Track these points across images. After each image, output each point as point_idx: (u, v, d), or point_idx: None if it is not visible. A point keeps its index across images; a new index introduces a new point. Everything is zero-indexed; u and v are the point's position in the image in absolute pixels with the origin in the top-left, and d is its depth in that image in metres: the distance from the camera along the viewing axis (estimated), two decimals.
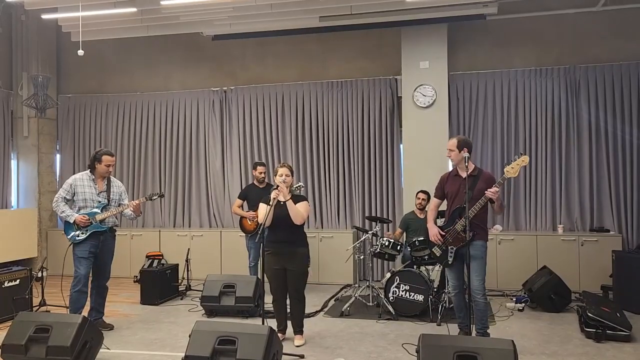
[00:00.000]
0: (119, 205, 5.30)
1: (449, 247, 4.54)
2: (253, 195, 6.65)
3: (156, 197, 5.51)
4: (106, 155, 5.20)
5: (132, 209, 5.25)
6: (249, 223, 6.66)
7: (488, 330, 4.56)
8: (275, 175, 4.71)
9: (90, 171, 5.23)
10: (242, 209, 6.79)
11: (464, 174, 4.55)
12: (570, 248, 6.79)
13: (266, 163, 7.92)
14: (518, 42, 7.46)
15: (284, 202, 4.56)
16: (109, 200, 5.24)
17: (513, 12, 7.27)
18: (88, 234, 5.08)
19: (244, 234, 6.78)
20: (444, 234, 4.58)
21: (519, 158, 4.38)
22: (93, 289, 5.31)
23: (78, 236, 5.07)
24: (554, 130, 7.25)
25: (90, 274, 5.22)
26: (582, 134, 7.17)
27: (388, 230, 7.56)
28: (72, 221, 5.06)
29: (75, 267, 5.08)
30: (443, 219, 4.86)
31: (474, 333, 4.44)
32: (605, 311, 4.93)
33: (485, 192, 4.30)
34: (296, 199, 4.71)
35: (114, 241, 5.39)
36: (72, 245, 5.11)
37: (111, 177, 5.38)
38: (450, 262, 4.58)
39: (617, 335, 4.72)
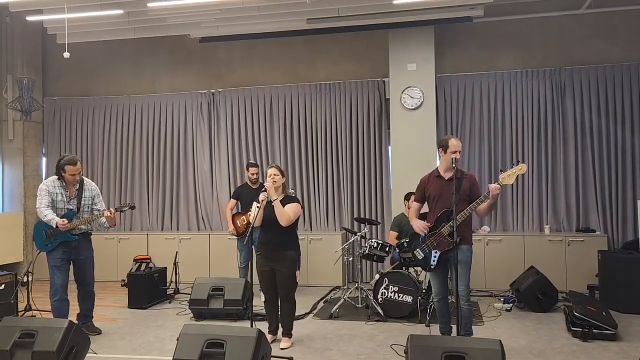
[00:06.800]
0: (91, 211, 5.12)
1: (432, 251, 4.42)
2: (246, 195, 6.66)
3: (127, 208, 5.23)
4: (69, 166, 4.89)
5: (105, 219, 5.05)
6: (239, 225, 6.66)
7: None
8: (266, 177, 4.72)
9: (58, 178, 4.99)
10: (236, 209, 6.79)
11: (447, 175, 4.45)
12: (557, 248, 6.85)
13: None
14: (504, 44, 7.52)
15: (272, 202, 4.55)
16: (79, 209, 5.04)
17: (499, 14, 7.34)
18: (56, 243, 4.94)
19: (235, 236, 6.76)
20: (429, 225, 4.43)
21: (516, 165, 4.26)
22: (79, 295, 5.23)
23: (46, 245, 4.94)
24: (540, 131, 7.32)
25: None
26: (568, 135, 7.24)
27: (377, 234, 7.60)
28: (54, 225, 4.88)
29: (50, 277, 4.96)
30: (426, 221, 4.73)
31: None
32: (592, 310, 4.98)
33: (489, 186, 4.18)
34: (288, 200, 4.71)
35: (90, 246, 5.21)
36: (46, 253, 5.00)
37: (84, 179, 5.14)
38: (433, 267, 4.45)
39: (603, 334, 4.77)
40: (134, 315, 6.05)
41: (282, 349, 4.67)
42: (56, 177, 5.02)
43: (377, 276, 5.90)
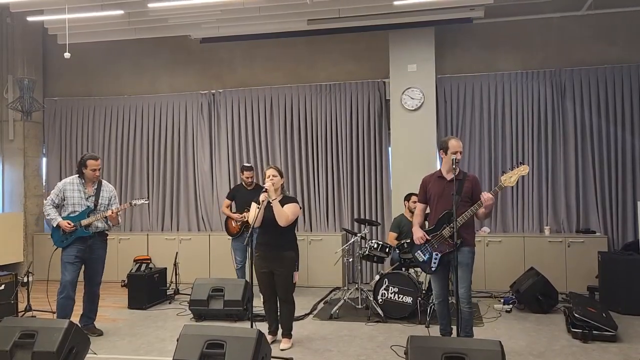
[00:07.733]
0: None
1: (434, 253, 4.40)
2: (240, 196, 6.66)
3: (140, 202, 5.42)
4: (90, 160, 5.15)
5: (108, 216, 5.14)
6: (233, 225, 6.67)
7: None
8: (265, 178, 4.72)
9: (79, 176, 5.19)
10: (231, 210, 6.79)
11: (449, 177, 4.42)
12: (557, 249, 6.85)
13: (255, 166, 7.90)
14: (504, 45, 7.52)
15: (271, 203, 4.55)
16: (96, 206, 5.18)
17: (499, 15, 7.33)
18: (72, 239, 5.04)
19: (229, 236, 6.76)
20: (429, 238, 4.43)
21: (517, 167, 4.22)
22: (84, 295, 5.26)
23: (62, 242, 5.05)
24: (540, 132, 7.32)
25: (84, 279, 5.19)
26: (568, 136, 7.25)
27: (377, 235, 7.60)
28: (54, 225, 5.04)
29: (62, 272, 5.04)
30: (427, 222, 4.73)
31: None
32: (592, 312, 4.98)
33: (481, 196, 4.15)
34: (286, 200, 4.71)
35: (104, 246, 5.31)
36: (61, 250, 5.10)
37: (103, 181, 5.34)
38: (434, 269, 4.43)
39: (603, 336, 4.77)
40: (134, 316, 6.05)
41: (282, 349, 4.67)
42: (77, 175, 5.21)
43: (377, 277, 5.90)
